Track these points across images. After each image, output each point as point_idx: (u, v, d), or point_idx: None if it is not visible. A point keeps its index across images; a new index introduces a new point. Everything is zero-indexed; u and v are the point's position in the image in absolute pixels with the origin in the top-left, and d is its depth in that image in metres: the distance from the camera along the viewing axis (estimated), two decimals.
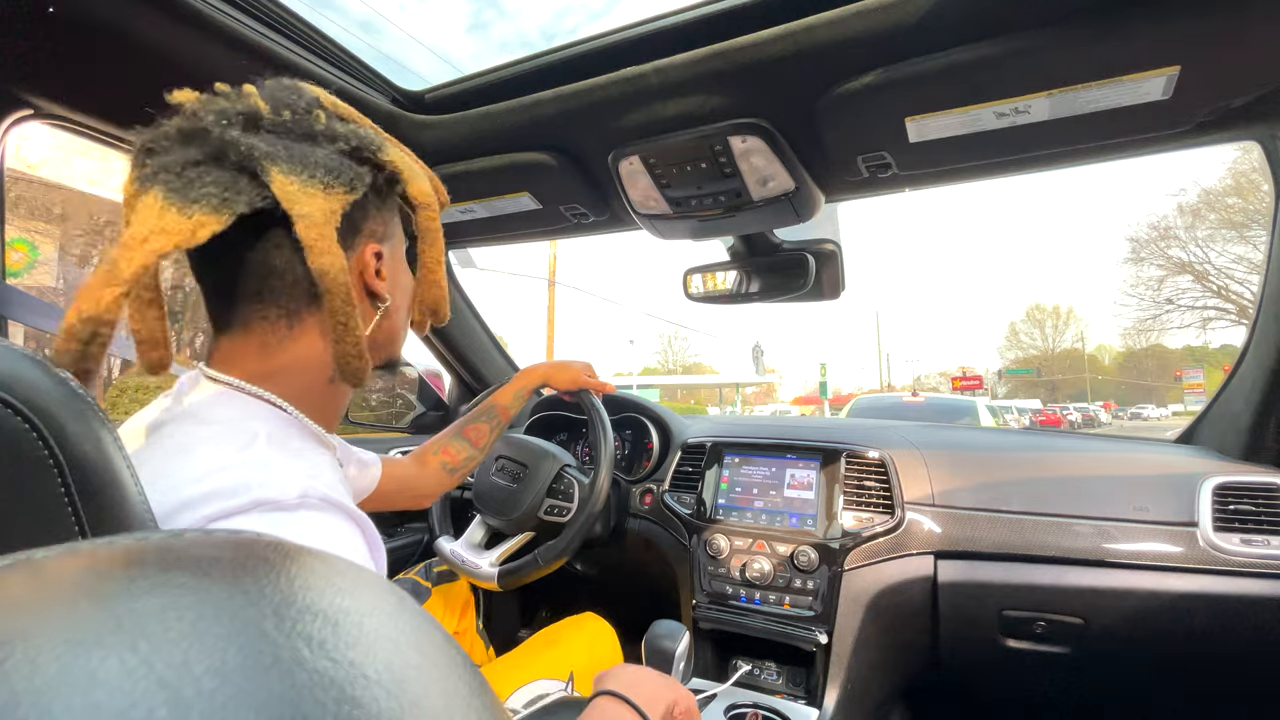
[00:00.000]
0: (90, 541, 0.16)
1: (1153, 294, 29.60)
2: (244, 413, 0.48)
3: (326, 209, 0.46)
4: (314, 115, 0.49)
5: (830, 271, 1.16)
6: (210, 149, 0.45)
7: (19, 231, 7.21)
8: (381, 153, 0.51)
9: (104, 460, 0.34)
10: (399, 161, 0.52)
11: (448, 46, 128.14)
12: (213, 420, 0.47)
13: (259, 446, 0.45)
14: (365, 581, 0.18)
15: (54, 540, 0.18)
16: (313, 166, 0.46)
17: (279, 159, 0.45)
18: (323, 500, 0.44)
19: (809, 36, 0.71)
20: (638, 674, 0.62)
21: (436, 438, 0.99)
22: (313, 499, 0.43)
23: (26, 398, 0.31)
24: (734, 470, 1.26)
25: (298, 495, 0.42)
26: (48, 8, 0.66)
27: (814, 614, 1.07)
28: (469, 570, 1.13)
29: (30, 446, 0.31)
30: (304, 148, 0.47)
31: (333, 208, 0.46)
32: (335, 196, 0.47)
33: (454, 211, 1.21)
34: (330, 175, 0.47)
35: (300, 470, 0.44)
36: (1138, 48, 0.66)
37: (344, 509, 0.45)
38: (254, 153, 0.44)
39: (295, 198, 0.45)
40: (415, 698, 0.15)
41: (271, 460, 0.44)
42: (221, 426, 0.47)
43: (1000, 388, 39.47)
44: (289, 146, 0.46)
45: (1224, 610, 0.93)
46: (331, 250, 0.45)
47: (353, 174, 0.48)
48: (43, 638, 0.12)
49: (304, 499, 0.43)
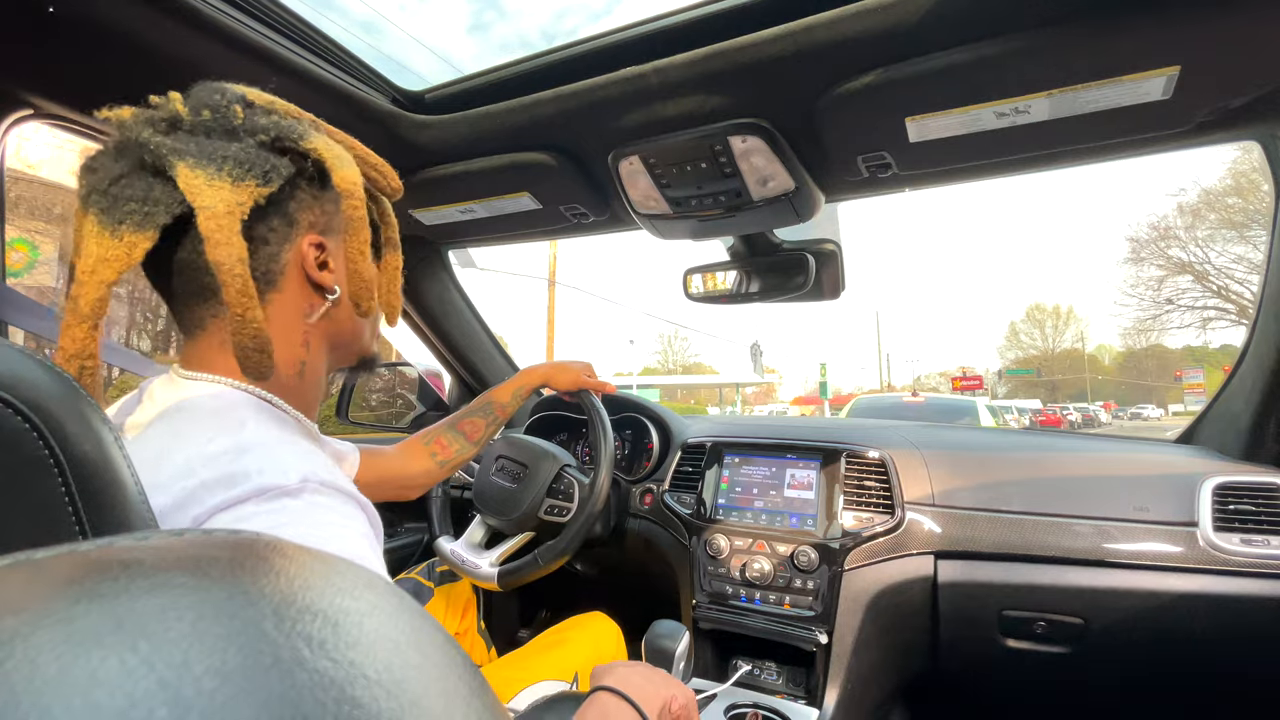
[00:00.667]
0: (90, 541, 0.16)
1: (1153, 294, 29.65)
2: (228, 403, 0.48)
3: (232, 200, 0.46)
4: (232, 110, 0.48)
5: (830, 271, 1.16)
6: (132, 159, 0.46)
7: (19, 231, 7.21)
8: (304, 140, 0.50)
9: (104, 460, 0.34)
10: (323, 149, 0.51)
11: (449, 48, 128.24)
12: (198, 413, 0.47)
13: (250, 433, 0.45)
14: (365, 581, 0.18)
15: (54, 540, 0.18)
16: (220, 160, 0.46)
17: (186, 154, 0.46)
18: (323, 484, 0.44)
19: (809, 36, 0.71)
20: (635, 670, 0.62)
21: (429, 429, 0.99)
22: (313, 482, 0.43)
23: (27, 397, 0.31)
24: (734, 470, 1.27)
25: (299, 479, 0.42)
26: (48, 8, 0.66)
27: (814, 614, 1.07)
28: (469, 570, 1.13)
29: (30, 446, 0.31)
30: (217, 143, 0.47)
31: (239, 199, 0.46)
32: (244, 188, 0.46)
33: (454, 211, 1.21)
34: (241, 167, 0.46)
35: (297, 454, 0.44)
36: (1138, 48, 0.66)
37: (345, 491, 0.45)
38: (162, 150, 0.45)
39: (199, 190, 0.45)
40: (415, 698, 0.15)
41: (267, 446, 0.44)
42: (209, 418, 0.47)
43: (1000, 388, 39.49)
44: (200, 143, 0.47)
45: (1224, 610, 0.93)
46: (229, 241, 0.45)
47: (268, 165, 0.48)
48: (43, 638, 0.12)
49: (305, 482, 0.42)
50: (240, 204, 0.46)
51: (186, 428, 0.46)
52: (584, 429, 1.55)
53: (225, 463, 0.42)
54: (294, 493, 0.42)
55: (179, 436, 0.45)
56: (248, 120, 0.49)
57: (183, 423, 0.47)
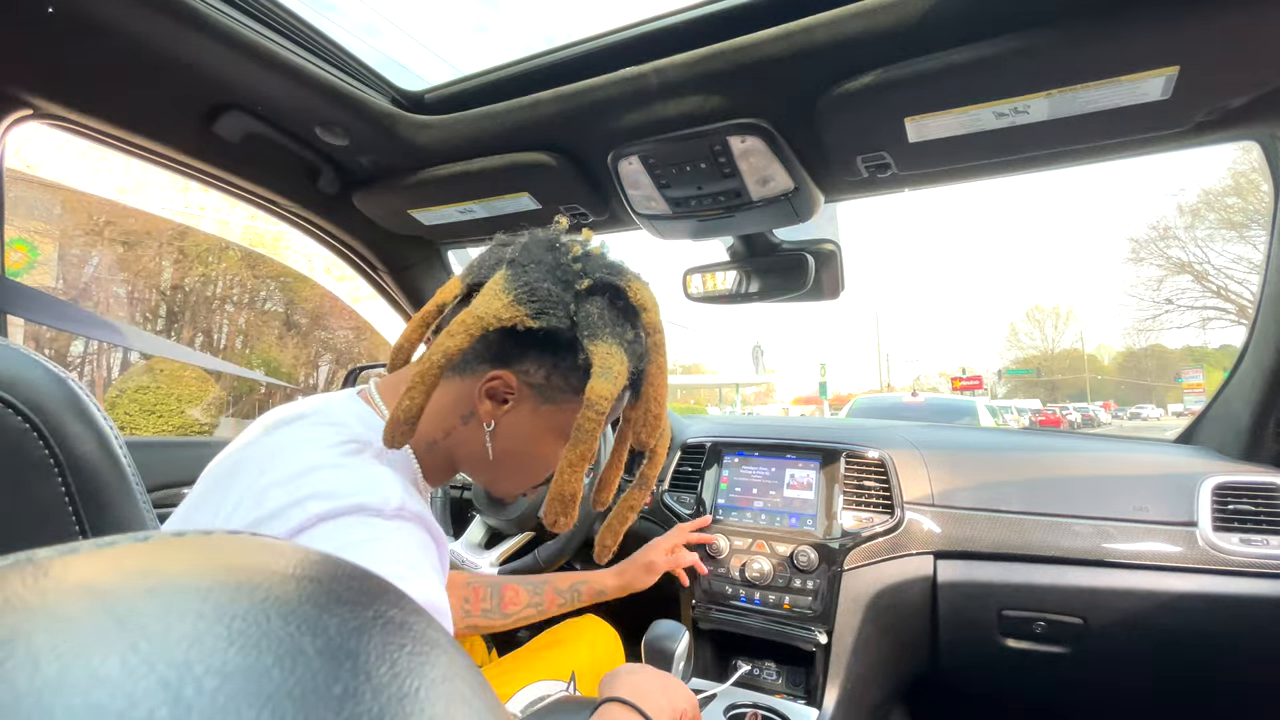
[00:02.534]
0: (90, 541, 0.16)
1: (1152, 294, 29.68)
2: (372, 431, 0.56)
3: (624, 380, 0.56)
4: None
5: (830, 271, 1.16)
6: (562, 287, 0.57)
7: (19, 231, 7.20)
8: (593, 341, 0.57)
9: (104, 460, 0.34)
10: (602, 355, 0.57)
11: (450, 51, 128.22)
12: (342, 429, 0.54)
13: (366, 456, 0.52)
14: (365, 581, 0.18)
15: (54, 540, 0.18)
16: (623, 342, 0.56)
17: (601, 335, 0.56)
18: (415, 515, 0.49)
19: (809, 36, 0.71)
20: (645, 679, 0.61)
21: (477, 575, 0.97)
22: (407, 512, 0.49)
23: (27, 398, 0.31)
24: (734, 470, 1.27)
25: (396, 506, 0.48)
26: (48, 8, 0.66)
27: (814, 614, 1.07)
28: (468, 570, 1.13)
29: (31, 447, 0.31)
30: (619, 328, 0.57)
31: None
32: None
33: (454, 211, 1.21)
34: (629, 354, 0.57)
35: (398, 485, 0.50)
36: (1138, 48, 0.66)
37: (428, 525, 0.51)
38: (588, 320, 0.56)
39: (606, 363, 0.54)
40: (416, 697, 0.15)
41: (374, 470, 0.50)
42: (346, 439, 0.53)
43: (1000, 388, 39.48)
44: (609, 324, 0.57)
45: (1223, 610, 0.93)
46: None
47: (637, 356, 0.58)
48: (43, 638, 0.12)
49: (400, 511, 0.48)
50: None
51: (326, 434, 0.52)
52: None
53: (332, 477, 0.48)
54: (388, 516, 0.47)
55: (312, 442, 0.51)
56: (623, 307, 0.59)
57: (324, 429, 0.53)
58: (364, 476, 0.49)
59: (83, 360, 11.50)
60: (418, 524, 0.49)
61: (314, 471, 0.48)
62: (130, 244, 10.56)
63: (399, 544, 0.46)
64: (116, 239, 10.37)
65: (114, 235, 10.31)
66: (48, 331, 8.92)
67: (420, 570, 0.46)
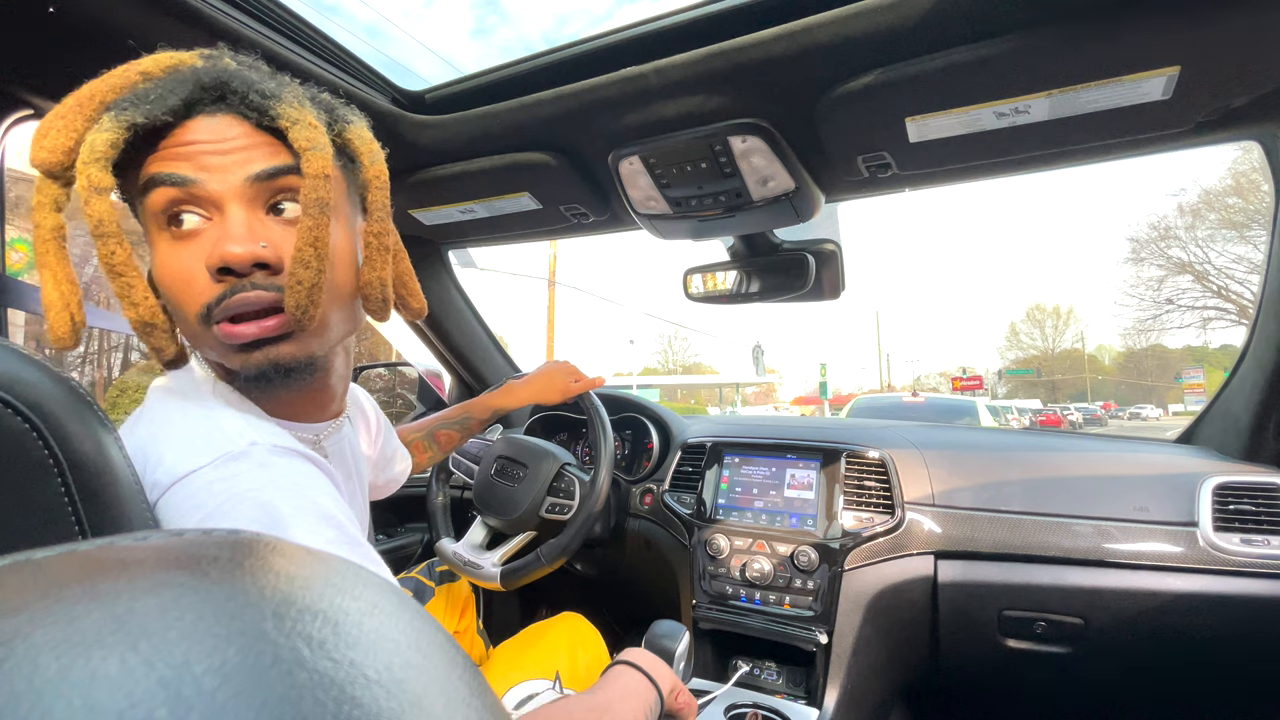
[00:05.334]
0: (90, 541, 0.16)
1: (1153, 294, 29.67)
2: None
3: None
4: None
5: (830, 271, 1.16)
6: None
7: (19, 231, 7.21)
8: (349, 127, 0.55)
9: (104, 460, 0.34)
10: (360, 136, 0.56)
11: (451, 52, 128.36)
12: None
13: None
14: (365, 581, 0.18)
15: (54, 540, 0.18)
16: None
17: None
18: (274, 448, 0.46)
19: (809, 36, 0.71)
20: (649, 655, 0.70)
21: (406, 430, 1.03)
22: (262, 446, 0.45)
23: (27, 398, 0.31)
24: (734, 470, 1.27)
25: (247, 444, 0.45)
26: (47, 8, 0.66)
27: (814, 614, 1.07)
28: (471, 571, 1.13)
29: (31, 447, 0.31)
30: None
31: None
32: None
33: (454, 211, 1.21)
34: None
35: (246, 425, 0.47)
36: (1138, 48, 0.66)
37: (300, 453, 0.47)
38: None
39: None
40: (415, 698, 0.15)
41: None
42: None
43: (1000, 388, 39.49)
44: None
45: (1224, 610, 0.93)
46: None
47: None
48: (43, 638, 0.12)
49: (253, 446, 0.45)
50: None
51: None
52: (584, 429, 1.55)
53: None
54: (242, 456, 0.44)
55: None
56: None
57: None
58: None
59: (83, 360, 11.50)
60: (285, 454, 0.46)
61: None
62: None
63: (268, 480, 0.43)
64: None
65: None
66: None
67: (311, 499, 0.44)
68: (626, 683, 0.63)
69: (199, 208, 0.45)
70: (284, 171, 0.46)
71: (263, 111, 0.46)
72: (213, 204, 0.45)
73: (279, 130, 0.46)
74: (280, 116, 0.46)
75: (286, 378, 0.49)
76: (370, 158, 0.52)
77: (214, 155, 0.45)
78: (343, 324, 0.53)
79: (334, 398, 0.58)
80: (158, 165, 0.44)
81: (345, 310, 0.52)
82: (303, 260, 0.45)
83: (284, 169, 0.46)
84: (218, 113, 0.45)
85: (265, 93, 0.46)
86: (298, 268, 0.45)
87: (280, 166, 0.46)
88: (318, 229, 0.45)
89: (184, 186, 0.44)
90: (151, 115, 0.43)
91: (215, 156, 0.45)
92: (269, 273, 0.46)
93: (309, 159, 0.45)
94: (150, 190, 0.45)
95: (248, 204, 0.46)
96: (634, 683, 0.63)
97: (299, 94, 0.48)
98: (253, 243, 0.44)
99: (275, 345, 0.47)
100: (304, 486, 0.44)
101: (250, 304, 0.45)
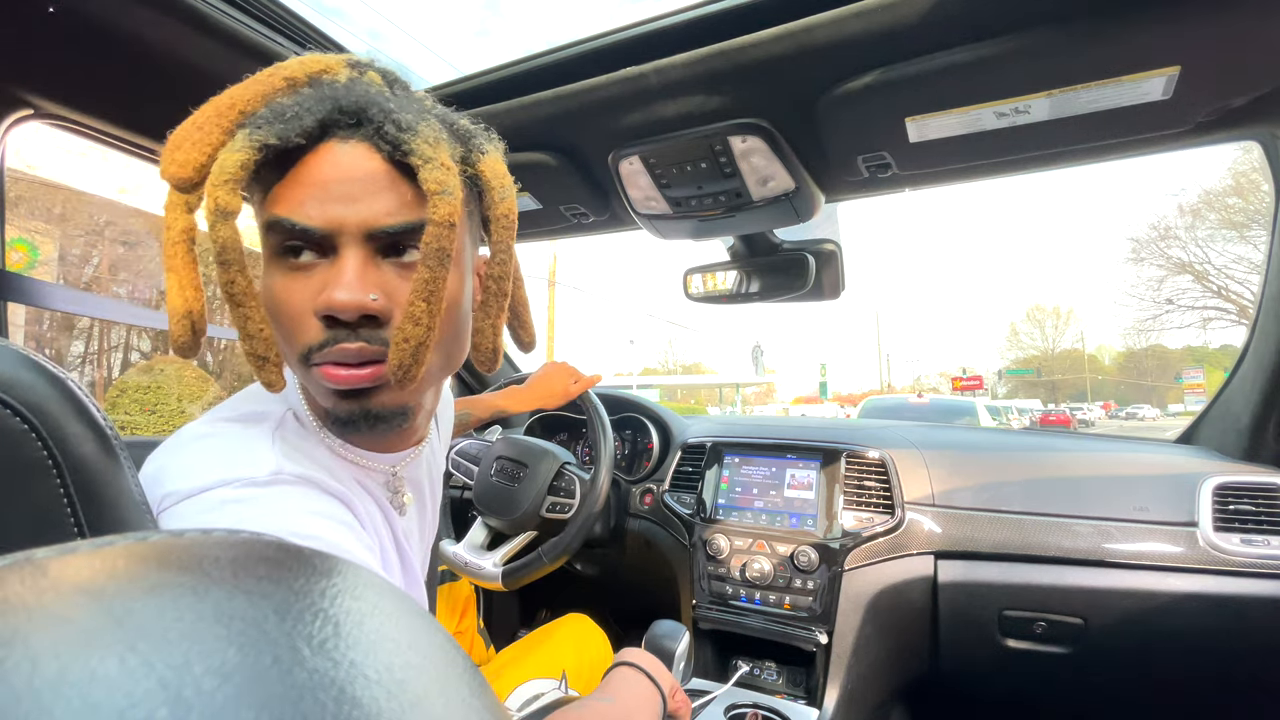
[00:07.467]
0: (90, 541, 0.16)
1: (1153, 294, 29.68)
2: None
3: None
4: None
5: (830, 271, 1.16)
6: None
7: (19, 231, 7.21)
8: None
9: (103, 461, 0.34)
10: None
11: (452, 53, 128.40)
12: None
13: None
14: (366, 581, 0.18)
15: (53, 541, 0.18)
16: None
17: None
18: (298, 478, 0.45)
19: (809, 36, 0.71)
20: (648, 655, 0.72)
21: None
22: (286, 475, 0.45)
23: (26, 399, 0.31)
24: (734, 470, 1.26)
25: (269, 473, 0.44)
26: (48, 8, 0.66)
27: (814, 614, 1.07)
28: (472, 572, 1.12)
29: (30, 448, 0.31)
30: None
31: None
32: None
33: None
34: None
35: (272, 451, 0.47)
36: (1138, 48, 0.66)
37: (322, 486, 0.47)
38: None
39: None
40: (416, 698, 0.15)
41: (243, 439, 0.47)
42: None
43: (1000, 388, 39.52)
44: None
45: (1224, 610, 0.93)
46: None
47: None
48: (43, 638, 0.12)
49: (277, 475, 0.44)
50: None
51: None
52: (584, 428, 1.55)
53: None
54: (262, 484, 0.43)
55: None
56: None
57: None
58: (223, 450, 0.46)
59: (83, 360, 11.50)
60: (305, 485, 0.45)
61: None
62: (130, 244, 10.56)
63: (281, 510, 0.43)
64: (116, 239, 10.37)
65: (114, 235, 10.32)
66: (48, 332, 8.91)
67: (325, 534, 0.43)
68: (640, 691, 0.64)
69: (316, 246, 0.44)
70: (407, 230, 0.44)
71: (396, 145, 0.43)
72: (330, 246, 0.44)
73: (410, 166, 0.44)
74: (413, 153, 0.43)
75: (374, 425, 0.47)
76: (501, 193, 0.49)
77: (337, 199, 0.43)
78: (443, 371, 0.51)
79: (416, 430, 0.57)
80: (282, 207, 0.43)
81: (449, 357, 0.51)
82: (413, 317, 0.42)
83: (407, 228, 0.44)
84: (351, 138, 0.43)
85: (401, 125, 0.43)
86: (406, 324, 0.42)
87: (404, 226, 0.44)
88: (434, 282, 0.43)
89: (303, 233, 0.43)
90: (285, 136, 0.41)
91: (338, 203, 0.43)
92: (376, 324, 0.44)
93: (435, 204, 0.42)
94: (271, 231, 0.44)
95: (365, 248, 0.44)
96: (646, 689, 0.65)
97: (436, 126, 0.46)
98: (363, 293, 0.42)
99: (370, 396, 0.46)
100: (317, 515, 0.44)
101: (351, 356, 0.44)
